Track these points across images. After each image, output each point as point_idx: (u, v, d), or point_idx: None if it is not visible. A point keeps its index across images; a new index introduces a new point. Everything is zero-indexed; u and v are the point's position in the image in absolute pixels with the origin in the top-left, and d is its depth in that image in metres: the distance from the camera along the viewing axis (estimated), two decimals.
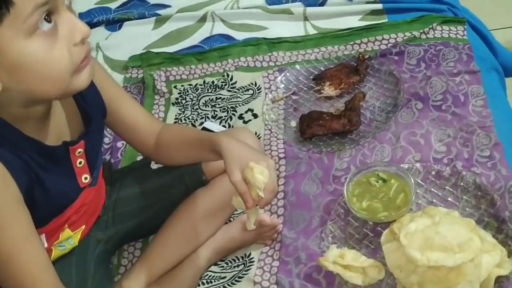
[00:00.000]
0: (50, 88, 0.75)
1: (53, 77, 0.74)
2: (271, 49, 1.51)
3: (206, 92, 1.46)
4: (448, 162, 1.14)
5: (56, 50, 0.73)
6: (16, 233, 0.77)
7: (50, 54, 0.73)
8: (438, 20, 1.47)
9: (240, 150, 0.92)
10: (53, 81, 0.75)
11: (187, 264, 1.06)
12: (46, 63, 0.73)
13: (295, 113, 1.34)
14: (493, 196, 1.04)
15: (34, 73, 0.73)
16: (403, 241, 0.92)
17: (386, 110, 1.28)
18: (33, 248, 0.80)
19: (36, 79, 0.74)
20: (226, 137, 0.94)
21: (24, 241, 0.78)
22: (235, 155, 0.90)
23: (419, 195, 1.08)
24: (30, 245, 0.79)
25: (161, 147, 1.04)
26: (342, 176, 1.16)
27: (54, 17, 0.73)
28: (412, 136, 1.20)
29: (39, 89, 0.75)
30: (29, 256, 0.78)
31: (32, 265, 0.79)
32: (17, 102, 0.78)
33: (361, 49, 1.44)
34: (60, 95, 0.80)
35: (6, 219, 0.76)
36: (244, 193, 0.88)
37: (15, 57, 0.71)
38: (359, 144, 1.21)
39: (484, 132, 1.17)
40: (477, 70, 1.31)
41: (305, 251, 1.05)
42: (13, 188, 0.77)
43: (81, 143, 0.89)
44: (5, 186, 0.77)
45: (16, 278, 0.78)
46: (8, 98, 0.76)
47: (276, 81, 1.41)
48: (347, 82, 1.34)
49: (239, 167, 0.89)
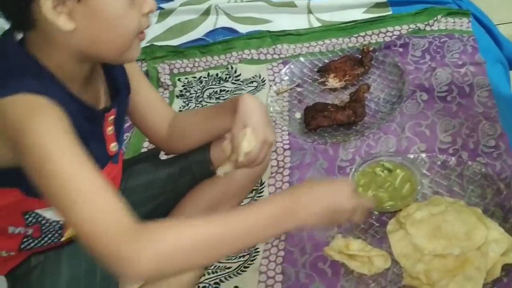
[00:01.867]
0: (113, 45, 0.79)
1: (120, 36, 0.79)
2: (275, 42, 1.51)
3: (210, 84, 1.45)
4: (453, 153, 1.13)
5: (132, 12, 0.78)
6: (72, 158, 0.72)
7: (127, 14, 0.77)
8: (443, 12, 1.47)
9: (254, 110, 0.95)
10: (119, 39, 0.79)
11: None
12: (121, 20, 0.77)
13: (299, 105, 1.34)
14: (499, 186, 1.04)
15: (107, 26, 0.77)
16: (409, 230, 0.93)
17: (391, 102, 1.28)
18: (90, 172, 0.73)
19: (106, 32, 0.77)
20: (247, 97, 0.97)
21: (81, 165, 0.72)
22: (247, 112, 0.94)
23: (425, 185, 1.08)
24: (86, 169, 0.73)
25: (175, 131, 1.04)
26: (347, 166, 1.16)
27: None
28: (417, 127, 1.20)
29: (103, 44, 0.79)
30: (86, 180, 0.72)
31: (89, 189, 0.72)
32: (74, 54, 0.79)
33: (366, 41, 1.44)
34: (115, 58, 0.83)
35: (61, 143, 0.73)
36: (236, 148, 0.92)
37: (99, 4, 0.75)
38: (364, 135, 1.21)
39: (490, 123, 1.17)
40: (482, 62, 1.31)
41: (311, 241, 1.05)
42: (68, 123, 0.75)
43: (113, 111, 0.90)
44: (62, 118, 0.75)
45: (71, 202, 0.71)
46: (68, 46, 0.78)
47: (281, 73, 1.41)
48: (351, 74, 1.34)
49: (243, 123, 0.93)
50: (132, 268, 0.67)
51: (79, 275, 0.95)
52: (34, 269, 0.94)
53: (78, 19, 0.75)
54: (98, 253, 0.68)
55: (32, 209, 0.89)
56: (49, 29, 0.76)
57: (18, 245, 0.92)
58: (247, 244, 0.78)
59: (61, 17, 0.74)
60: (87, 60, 0.83)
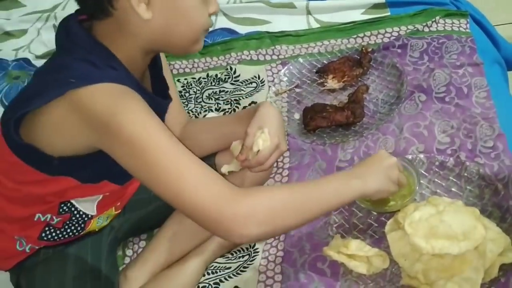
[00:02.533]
0: (184, 38, 0.84)
1: (192, 29, 0.83)
2: (274, 43, 1.51)
3: (209, 85, 1.46)
4: (451, 153, 1.14)
5: (204, 8, 0.83)
6: (166, 141, 0.76)
7: (201, 9, 0.82)
8: (441, 13, 1.47)
9: (272, 116, 0.98)
10: (190, 33, 0.84)
11: (192, 257, 1.07)
12: (195, 13, 0.82)
13: (298, 105, 1.34)
14: (497, 186, 1.04)
15: (182, 18, 0.81)
16: (407, 230, 0.93)
17: (389, 102, 1.28)
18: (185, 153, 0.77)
19: (180, 23, 0.82)
20: (267, 105, 1.01)
21: (178, 149, 0.76)
22: (265, 116, 0.98)
23: (423, 186, 1.08)
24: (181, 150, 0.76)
25: (187, 137, 1.05)
26: (346, 167, 1.17)
27: None
28: (415, 128, 1.21)
29: (174, 35, 0.83)
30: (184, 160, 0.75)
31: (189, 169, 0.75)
32: (143, 44, 0.83)
33: (364, 42, 1.45)
34: (181, 50, 0.88)
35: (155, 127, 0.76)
36: (247, 146, 0.95)
37: None
38: (363, 136, 1.22)
39: (488, 123, 1.17)
40: (480, 62, 1.31)
41: (310, 241, 1.06)
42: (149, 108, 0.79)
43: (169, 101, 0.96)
44: (145, 104, 0.79)
45: (173, 186, 0.75)
46: (140, 36, 0.81)
47: (280, 74, 1.42)
48: (350, 75, 1.35)
49: (259, 124, 0.96)
50: (241, 228, 0.73)
51: (85, 271, 0.96)
52: (39, 264, 0.96)
53: (156, 9, 0.79)
54: (211, 223, 0.74)
55: (71, 197, 0.92)
56: (125, 18, 0.79)
57: (39, 233, 0.94)
58: (330, 205, 0.85)
59: (141, 5, 0.78)
60: (152, 52, 0.87)
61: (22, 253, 0.96)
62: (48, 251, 0.97)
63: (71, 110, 0.76)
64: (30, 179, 0.88)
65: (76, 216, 0.95)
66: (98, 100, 0.75)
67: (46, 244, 0.96)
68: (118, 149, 0.75)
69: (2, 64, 1.60)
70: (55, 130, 0.81)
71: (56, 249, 0.97)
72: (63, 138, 0.82)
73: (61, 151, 0.83)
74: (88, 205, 0.95)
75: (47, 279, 0.95)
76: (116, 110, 0.74)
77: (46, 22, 1.71)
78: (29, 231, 0.94)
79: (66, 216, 0.94)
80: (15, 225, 0.94)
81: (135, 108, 0.75)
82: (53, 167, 0.85)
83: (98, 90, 0.75)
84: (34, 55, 1.62)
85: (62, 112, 0.77)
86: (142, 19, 0.79)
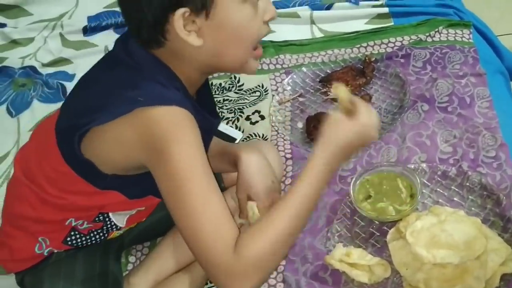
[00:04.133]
0: (235, 57, 0.83)
1: (242, 47, 0.83)
2: (278, 52, 1.52)
3: (213, 94, 1.47)
4: (454, 163, 1.14)
5: (255, 20, 0.82)
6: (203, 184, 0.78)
7: (250, 22, 0.81)
8: (444, 24, 1.48)
9: (254, 174, 0.98)
10: (240, 51, 0.83)
11: (195, 266, 1.07)
12: (244, 31, 0.81)
13: (301, 114, 1.35)
14: (499, 196, 1.05)
15: (232, 38, 0.81)
16: (409, 239, 0.93)
17: (392, 112, 1.29)
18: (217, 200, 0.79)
19: (230, 44, 0.81)
20: (247, 152, 1.00)
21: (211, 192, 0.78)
22: (248, 177, 0.98)
23: (425, 195, 1.09)
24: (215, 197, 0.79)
25: None
26: (349, 176, 1.17)
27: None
28: (418, 137, 1.21)
29: (226, 55, 0.83)
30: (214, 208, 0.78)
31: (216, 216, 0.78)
32: (199, 66, 0.84)
33: (368, 52, 1.46)
34: (236, 69, 0.87)
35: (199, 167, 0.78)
36: (242, 208, 0.98)
37: (225, 16, 0.79)
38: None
39: (490, 133, 1.18)
40: (482, 73, 1.32)
41: (312, 250, 1.06)
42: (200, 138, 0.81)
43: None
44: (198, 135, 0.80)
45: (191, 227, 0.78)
46: (195, 60, 0.83)
47: (283, 83, 1.42)
48: (353, 84, 1.35)
49: (245, 190, 0.97)
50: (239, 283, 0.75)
51: (94, 275, 0.97)
52: (47, 266, 0.96)
53: (206, 34, 0.79)
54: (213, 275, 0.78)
55: (112, 210, 0.94)
56: (178, 46, 0.81)
57: (64, 237, 0.95)
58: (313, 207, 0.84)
59: (191, 35, 0.79)
60: (209, 72, 0.88)
61: (38, 256, 0.96)
62: (61, 253, 0.97)
63: (134, 128, 0.78)
64: (78, 190, 0.88)
65: (107, 226, 0.97)
66: (160, 123, 0.77)
67: (67, 248, 0.97)
68: (161, 174, 0.78)
69: (9, 72, 1.61)
70: (115, 147, 0.82)
71: (69, 252, 0.98)
72: (120, 156, 0.83)
73: (115, 169, 0.85)
74: (120, 217, 0.97)
75: (56, 282, 0.96)
76: (172, 138, 0.76)
77: (53, 31, 1.73)
78: (56, 233, 0.94)
79: (98, 225, 0.95)
80: (43, 225, 0.93)
81: (188, 140, 0.78)
82: (106, 182, 0.87)
83: (163, 112, 0.77)
84: (40, 63, 1.63)
85: (126, 129, 0.79)
86: (194, 46, 0.80)
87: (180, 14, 0.77)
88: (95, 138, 0.82)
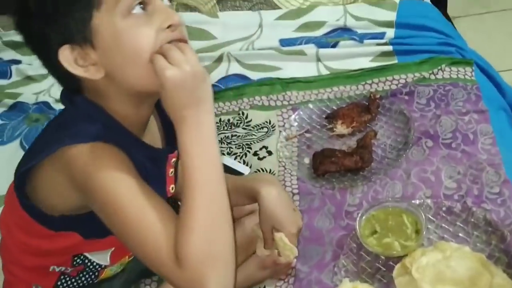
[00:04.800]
0: (136, 72, 0.77)
1: (139, 60, 0.76)
2: (285, 89, 1.56)
3: (222, 129, 1.50)
4: (458, 199, 1.16)
5: (144, 29, 0.76)
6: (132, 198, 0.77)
7: (137, 31, 0.76)
8: (447, 62, 1.51)
9: (276, 207, 1.00)
10: (140, 63, 0.77)
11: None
12: (136, 41, 0.76)
13: (308, 150, 1.38)
14: (503, 232, 1.06)
15: (125, 55, 0.76)
16: (415, 275, 0.95)
17: (397, 148, 1.32)
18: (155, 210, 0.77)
19: (125, 62, 0.77)
20: (266, 186, 1.01)
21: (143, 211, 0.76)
22: (269, 211, 1.00)
23: (430, 231, 1.10)
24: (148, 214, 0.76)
25: None
26: (355, 211, 1.19)
27: (149, 7, 0.78)
28: (422, 173, 1.23)
29: (128, 75, 0.78)
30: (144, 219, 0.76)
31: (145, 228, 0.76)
32: (123, 97, 0.82)
33: (372, 89, 1.49)
34: (148, 86, 0.79)
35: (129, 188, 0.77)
36: (267, 240, 1.01)
37: (110, 36, 0.76)
38: (371, 181, 1.25)
39: (493, 170, 1.20)
40: (485, 110, 1.34)
41: (319, 284, 1.07)
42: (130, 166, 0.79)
43: (176, 153, 0.92)
44: (124, 162, 0.79)
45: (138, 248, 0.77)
46: (114, 92, 0.81)
47: (290, 119, 1.45)
48: (359, 121, 1.38)
49: (271, 223, 1.00)
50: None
51: None
52: None
53: (103, 64, 0.77)
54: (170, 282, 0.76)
55: (82, 251, 0.93)
56: (92, 85, 0.80)
57: (55, 283, 0.96)
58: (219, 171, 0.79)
59: (89, 69, 0.78)
60: (141, 101, 0.84)
61: None
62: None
63: (59, 167, 0.79)
64: (38, 233, 0.89)
65: (90, 267, 0.97)
66: (79, 160, 0.77)
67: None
68: (96, 209, 0.78)
69: (23, 107, 1.66)
70: (50, 189, 0.83)
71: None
72: (58, 197, 0.84)
73: (59, 210, 0.85)
74: (101, 256, 0.96)
75: None
76: (91, 172, 0.76)
77: None
78: (45, 280, 0.96)
79: (80, 268, 0.96)
80: (31, 273, 0.95)
81: (109, 171, 0.76)
82: (57, 223, 0.87)
83: (82, 149, 0.77)
84: (53, 99, 1.67)
85: (53, 170, 0.80)
86: (102, 80, 0.78)
87: (65, 53, 0.76)
88: (34, 181, 0.84)
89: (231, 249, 0.75)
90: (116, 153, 0.79)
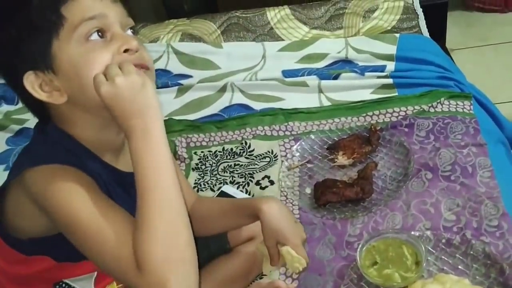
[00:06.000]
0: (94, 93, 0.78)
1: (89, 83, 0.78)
2: (287, 119, 1.58)
3: (225, 158, 1.52)
4: (457, 231, 1.18)
5: (100, 53, 0.80)
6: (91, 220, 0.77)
7: (93, 55, 0.79)
8: (446, 95, 1.54)
9: (279, 221, 1.01)
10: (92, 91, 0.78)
11: None
12: (87, 62, 0.79)
13: (310, 180, 1.40)
14: (502, 265, 1.07)
15: (81, 76, 0.79)
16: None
17: (397, 179, 1.34)
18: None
19: (83, 85, 0.79)
20: (266, 202, 1.02)
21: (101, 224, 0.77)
22: (272, 225, 1.00)
23: (430, 262, 1.12)
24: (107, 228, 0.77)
25: (196, 219, 1.07)
26: (355, 242, 1.20)
27: (107, 34, 0.82)
28: (422, 205, 1.25)
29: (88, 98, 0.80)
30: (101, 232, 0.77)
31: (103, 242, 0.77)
32: (89, 121, 0.84)
33: (373, 120, 1.52)
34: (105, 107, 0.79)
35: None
36: (273, 255, 1.01)
37: (68, 62, 0.79)
38: (372, 212, 1.26)
39: (492, 203, 1.22)
40: (483, 143, 1.37)
41: None
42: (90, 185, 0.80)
43: None
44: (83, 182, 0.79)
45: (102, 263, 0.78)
46: (79, 116, 0.83)
47: (292, 149, 1.48)
48: (359, 152, 1.41)
49: (275, 238, 1.00)
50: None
51: None
52: None
53: (65, 88, 0.81)
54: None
55: (62, 278, 0.93)
56: (58, 112, 0.83)
57: None
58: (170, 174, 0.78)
59: (53, 95, 0.81)
60: (105, 125, 0.85)
61: None
62: None
63: (23, 190, 0.81)
64: (14, 259, 0.90)
65: None
66: (38, 180, 0.79)
67: None
68: (60, 227, 0.80)
69: (30, 133, 1.66)
70: (17, 212, 0.85)
71: None
72: (25, 220, 0.85)
73: (28, 232, 0.86)
74: (84, 283, 0.94)
75: None
76: (50, 192, 0.78)
77: None
78: None
79: None
80: None
81: (67, 191, 0.78)
82: (26, 246, 0.88)
83: (41, 170, 0.79)
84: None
85: (17, 193, 0.83)
86: (66, 106, 0.81)
87: (30, 79, 0.79)
88: (3, 205, 0.86)
89: (190, 249, 0.76)
90: (76, 174, 0.80)
